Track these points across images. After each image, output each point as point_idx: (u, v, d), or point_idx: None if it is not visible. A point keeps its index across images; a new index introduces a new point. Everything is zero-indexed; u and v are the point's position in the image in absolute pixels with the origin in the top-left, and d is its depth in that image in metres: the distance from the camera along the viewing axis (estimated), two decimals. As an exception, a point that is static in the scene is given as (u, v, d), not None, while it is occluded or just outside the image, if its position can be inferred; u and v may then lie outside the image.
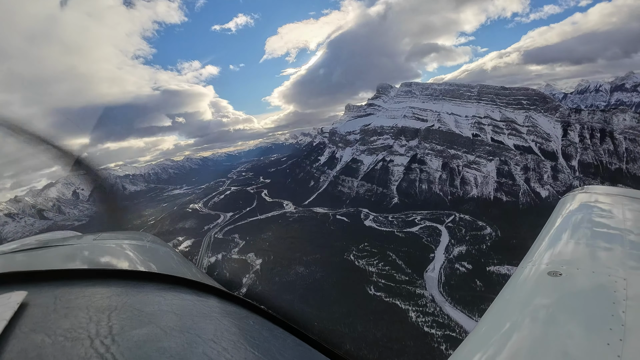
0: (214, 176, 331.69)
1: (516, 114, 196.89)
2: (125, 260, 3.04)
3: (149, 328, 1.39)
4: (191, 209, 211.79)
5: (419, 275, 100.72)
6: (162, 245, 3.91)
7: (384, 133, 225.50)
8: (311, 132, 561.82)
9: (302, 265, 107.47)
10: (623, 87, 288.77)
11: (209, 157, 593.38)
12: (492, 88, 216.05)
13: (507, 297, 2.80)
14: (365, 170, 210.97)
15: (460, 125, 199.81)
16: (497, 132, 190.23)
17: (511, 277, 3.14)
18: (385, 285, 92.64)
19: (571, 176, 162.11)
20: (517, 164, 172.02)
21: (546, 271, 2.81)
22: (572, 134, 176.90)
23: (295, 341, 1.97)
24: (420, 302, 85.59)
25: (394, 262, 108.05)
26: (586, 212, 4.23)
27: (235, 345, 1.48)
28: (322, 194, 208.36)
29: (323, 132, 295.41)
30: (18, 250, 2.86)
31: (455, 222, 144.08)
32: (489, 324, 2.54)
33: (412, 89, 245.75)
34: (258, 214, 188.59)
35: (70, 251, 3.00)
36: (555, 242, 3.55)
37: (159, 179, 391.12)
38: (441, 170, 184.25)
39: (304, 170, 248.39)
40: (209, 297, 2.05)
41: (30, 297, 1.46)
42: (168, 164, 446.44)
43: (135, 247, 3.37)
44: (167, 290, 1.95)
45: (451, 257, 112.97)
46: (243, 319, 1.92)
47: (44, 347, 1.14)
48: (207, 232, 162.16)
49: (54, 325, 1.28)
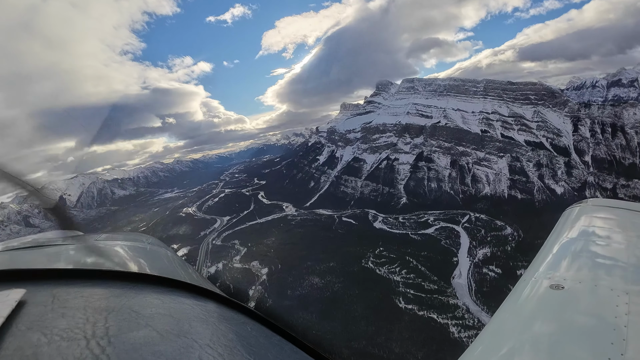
0: (206, 178, 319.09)
1: (524, 109, 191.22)
2: (124, 262, 2.98)
3: (146, 331, 1.37)
4: (185, 213, 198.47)
5: (447, 283, 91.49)
6: (163, 247, 3.80)
7: (387, 131, 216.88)
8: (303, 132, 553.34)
9: (315, 275, 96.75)
10: (620, 83, 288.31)
11: (200, 159, 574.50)
12: (498, 83, 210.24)
13: (509, 310, 2.78)
14: (368, 169, 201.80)
15: (467, 122, 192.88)
16: (507, 128, 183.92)
17: (513, 289, 3.12)
18: (415, 296, 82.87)
19: (585, 172, 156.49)
20: (529, 160, 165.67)
21: (548, 284, 2.79)
22: (583, 129, 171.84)
23: (293, 349, 1.93)
24: (458, 314, 76.20)
25: (416, 269, 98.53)
26: (589, 225, 4.21)
27: (232, 351, 1.46)
28: (324, 195, 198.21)
29: (319, 131, 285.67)
30: (18, 248, 2.81)
31: (471, 222, 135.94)
32: (491, 337, 2.52)
33: (415, 85, 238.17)
34: (257, 217, 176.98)
35: (70, 251, 2.93)
36: (557, 255, 3.56)
37: (148, 182, 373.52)
38: (450, 167, 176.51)
39: (302, 171, 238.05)
40: (208, 301, 2.01)
41: (28, 295, 1.45)
42: (158, 167, 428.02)
43: (135, 248, 3.38)
44: (165, 293, 1.92)
45: (476, 260, 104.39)
46: (241, 325, 1.88)
47: (40, 346, 1.13)
48: (204, 239, 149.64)
49: (51, 324, 1.27)
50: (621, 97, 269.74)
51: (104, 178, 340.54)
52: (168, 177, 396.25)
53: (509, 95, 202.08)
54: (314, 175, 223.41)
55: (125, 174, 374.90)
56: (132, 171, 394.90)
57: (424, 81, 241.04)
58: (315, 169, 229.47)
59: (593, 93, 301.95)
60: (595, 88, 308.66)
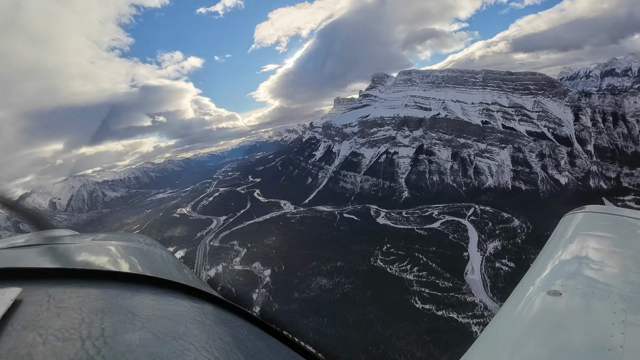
0: (199, 177, 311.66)
1: (524, 100, 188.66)
2: (121, 262, 2.96)
3: (142, 333, 1.36)
4: (179, 214, 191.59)
5: (460, 280, 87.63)
6: (160, 248, 3.80)
7: (385, 124, 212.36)
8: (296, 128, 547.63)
9: (322, 275, 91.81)
10: (614, 72, 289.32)
11: (191, 158, 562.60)
12: (497, 74, 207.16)
13: (507, 315, 2.79)
14: (367, 163, 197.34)
15: (467, 113, 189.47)
16: (508, 119, 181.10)
17: (510, 295, 3.13)
18: (431, 295, 78.61)
19: (588, 161, 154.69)
20: (531, 150, 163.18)
21: (546, 291, 2.80)
22: (584, 118, 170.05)
23: (290, 353, 1.92)
24: (477, 312, 72.26)
25: (427, 266, 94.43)
26: (586, 231, 4.24)
27: (228, 354, 1.44)
28: (323, 191, 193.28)
29: (313, 126, 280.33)
30: (13, 247, 2.78)
31: (477, 215, 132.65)
32: (488, 342, 2.53)
33: (412, 77, 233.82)
34: (255, 216, 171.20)
35: (67, 250, 2.90)
36: (555, 261, 3.58)
37: (140, 183, 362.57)
38: (451, 160, 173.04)
39: (298, 167, 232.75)
40: (204, 303, 2.00)
41: (24, 294, 1.44)
42: (149, 167, 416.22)
43: (132, 249, 3.35)
44: (162, 294, 1.90)
45: (488, 255, 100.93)
46: (237, 328, 1.87)
47: (34, 346, 1.11)
48: (201, 240, 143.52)
49: (46, 324, 1.26)
50: (615, 87, 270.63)
51: (95, 180, 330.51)
52: (160, 178, 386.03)
53: (508, 85, 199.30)
54: (311, 171, 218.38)
55: (115, 175, 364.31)
56: (123, 172, 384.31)
57: (421, 73, 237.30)
58: (312, 164, 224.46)
59: (587, 83, 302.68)
60: (589, 78, 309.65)
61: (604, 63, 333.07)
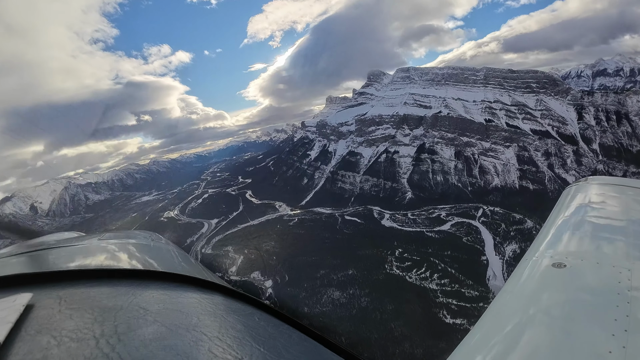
0: (186, 179, 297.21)
1: (526, 98, 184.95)
2: (129, 260, 3.04)
3: (155, 327, 1.40)
4: (166, 217, 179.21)
5: (484, 287, 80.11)
6: (166, 243, 3.90)
7: (383, 122, 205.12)
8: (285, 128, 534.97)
9: (333, 287, 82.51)
10: (605, 72, 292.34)
11: (177, 159, 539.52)
12: (498, 71, 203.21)
13: (512, 289, 2.77)
14: (366, 163, 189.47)
15: (470, 111, 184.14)
16: (511, 117, 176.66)
17: (515, 269, 3.10)
18: (459, 307, 70.71)
19: (595, 160, 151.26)
20: (537, 149, 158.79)
21: (550, 263, 2.78)
22: (588, 116, 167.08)
23: (301, 337, 1.97)
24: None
25: (447, 272, 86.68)
26: (590, 202, 4.16)
27: (241, 342, 1.49)
28: (320, 192, 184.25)
29: (305, 125, 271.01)
30: (22, 253, 2.87)
31: (487, 216, 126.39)
32: (494, 316, 2.54)
33: (410, 75, 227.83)
34: (249, 219, 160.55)
35: (75, 252, 2.98)
36: (559, 233, 3.53)
37: (124, 185, 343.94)
38: (455, 159, 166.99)
39: (292, 167, 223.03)
40: (214, 294, 2.05)
41: (35, 298, 1.46)
42: (133, 169, 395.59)
43: (139, 246, 3.42)
44: (172, 288, 1.95)
45: (507, 258, 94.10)
46: (248, 316, 1.93)
47: (49, 349, 1.14)
48: (192, 246, 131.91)
49: (60, 326, 1.28)
50: (607, 87, 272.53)
51: (77, 182, 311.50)
52: (145, 179, 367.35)
53: (509, 83, 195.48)
54: (306, 171, 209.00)
55: (99, 177, 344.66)
56: (107, 174, 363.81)
57: (420, 70, 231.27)
58: (307, 164, 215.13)
59: (579, 83, 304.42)
60: (580, 78, 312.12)
61: (591, 64, 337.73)
